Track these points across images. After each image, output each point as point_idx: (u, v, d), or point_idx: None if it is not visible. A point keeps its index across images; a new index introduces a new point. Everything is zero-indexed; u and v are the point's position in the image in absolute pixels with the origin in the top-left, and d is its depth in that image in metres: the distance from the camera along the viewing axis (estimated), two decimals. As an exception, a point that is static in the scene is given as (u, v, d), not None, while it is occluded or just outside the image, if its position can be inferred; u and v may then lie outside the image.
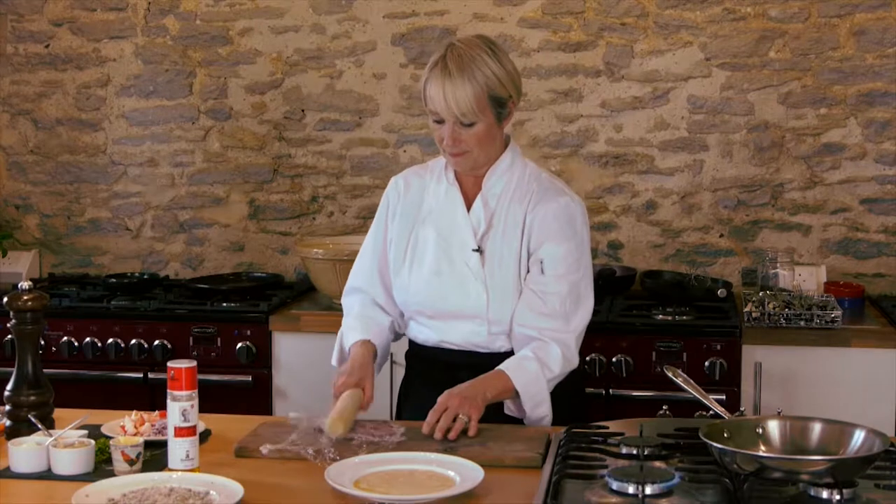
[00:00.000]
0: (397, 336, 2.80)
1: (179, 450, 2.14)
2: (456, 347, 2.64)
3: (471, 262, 2.60)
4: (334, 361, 2.75)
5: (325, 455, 2.25)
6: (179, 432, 2.14)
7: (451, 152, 2.56)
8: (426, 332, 2.69)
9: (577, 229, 2.61)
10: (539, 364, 2.53)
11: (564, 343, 2.57)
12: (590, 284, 2.65)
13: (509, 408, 2.57)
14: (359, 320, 2.72)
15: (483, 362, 2.59)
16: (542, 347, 2.55)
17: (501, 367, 2.54)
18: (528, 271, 2.60)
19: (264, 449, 2.28)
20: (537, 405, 2.54)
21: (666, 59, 4.08)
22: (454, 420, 2.37)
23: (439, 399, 2.42)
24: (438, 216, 2.66)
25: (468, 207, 2.64)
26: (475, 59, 2.50)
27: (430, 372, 2.68)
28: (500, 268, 2.59)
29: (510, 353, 2.60)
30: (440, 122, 2.54)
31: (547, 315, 2.56)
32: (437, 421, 2.37)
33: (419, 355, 2.74)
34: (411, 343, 2.76)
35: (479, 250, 2.60)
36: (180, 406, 2.14)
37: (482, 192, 2.63)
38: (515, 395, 2.52)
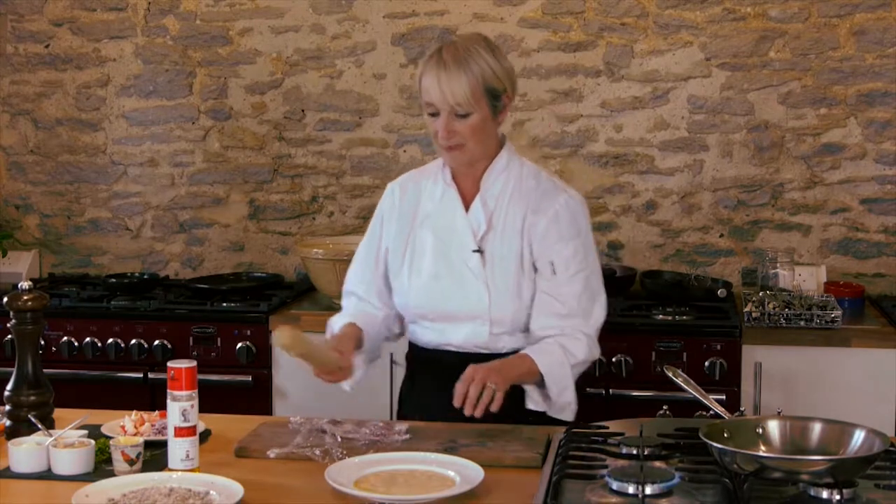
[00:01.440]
0: (391, 335, 2.79)
1: (179, 450, 2.14)
2: (457, 349, 2.63)
3: (471, 262, 2.59)
4: None
5: (333, 455, 2.25)
6: (179, 432, 2.14)
7: (446, 145, 2.54)
8: (427, 335, 2.68)
9: (581, 225, 2.62)
10: (562, 349, 2.54)
11: (587, 335, 2.59)
12: (600, 277, 2.66)
13: (533, 399, 2.55)
14: (348, 312, 2.73)
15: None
16: (565, 337, 2.56)
17: (524, 350, 2.54)
18: (536, 272, 2.59)
19: (271, 453, 2.28)
20: (562, 390, 2.53)
21: (666, 59, 4.07)
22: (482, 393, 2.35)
23: (465, 371, 2.39)
24: (436, 218, 2.65)
25: (466, 208, 2.63)
26: (471, 51, 2.51)
27: (432, 373, 2.67)
28: (502, 268, 2.58)
29: (513, 353, 2.59)
30: (435, 114, 2.53)
31: (566, 315, 2.57)
32: (466, 393, 2.35)
33: (420, 357, 2.72)
34: (412, 345, 2.75)
35: (479, 251, 2.59)
36: (180, 406, 2.14)
37: (481, 192, 2.62)
38: (539, 379, 2.51)
